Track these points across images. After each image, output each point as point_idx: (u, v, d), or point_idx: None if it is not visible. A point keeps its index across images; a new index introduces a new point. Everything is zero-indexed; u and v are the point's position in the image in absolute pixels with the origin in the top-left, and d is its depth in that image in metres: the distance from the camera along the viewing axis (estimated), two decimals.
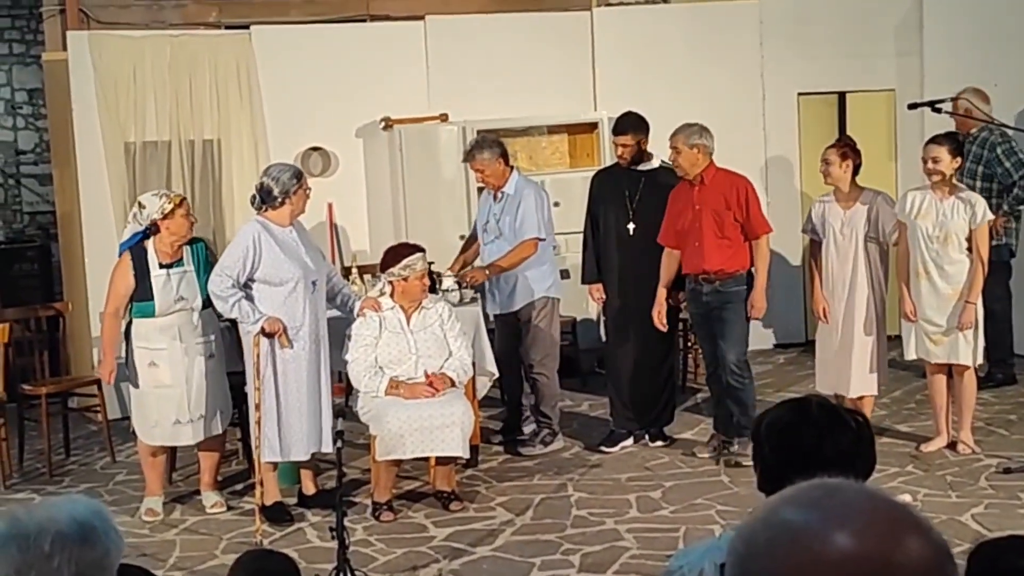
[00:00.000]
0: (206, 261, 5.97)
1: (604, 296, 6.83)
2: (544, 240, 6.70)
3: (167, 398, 5.87)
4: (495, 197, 6.80)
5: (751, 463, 6.09)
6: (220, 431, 6.06)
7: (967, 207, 6.14)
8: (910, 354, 6.39)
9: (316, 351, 5.83)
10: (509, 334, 6.89)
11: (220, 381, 6.02)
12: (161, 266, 5.84)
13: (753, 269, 6.36)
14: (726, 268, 6.28)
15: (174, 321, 5.85)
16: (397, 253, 5.98)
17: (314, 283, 5.82)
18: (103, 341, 6.04)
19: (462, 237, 8.27)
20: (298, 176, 5.82)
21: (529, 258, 6.63)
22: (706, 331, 6.50)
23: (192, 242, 6.01)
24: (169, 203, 5.85)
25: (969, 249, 6.17)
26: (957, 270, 6.19)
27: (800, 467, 2.19)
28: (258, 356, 5.66)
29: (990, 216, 6.21)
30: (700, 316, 6.48)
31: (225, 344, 6.10)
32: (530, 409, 6.93)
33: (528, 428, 6.90)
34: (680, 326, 7.33)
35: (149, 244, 5.86)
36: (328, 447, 5.86)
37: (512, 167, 6.85)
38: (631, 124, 6.64)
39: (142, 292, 5.82)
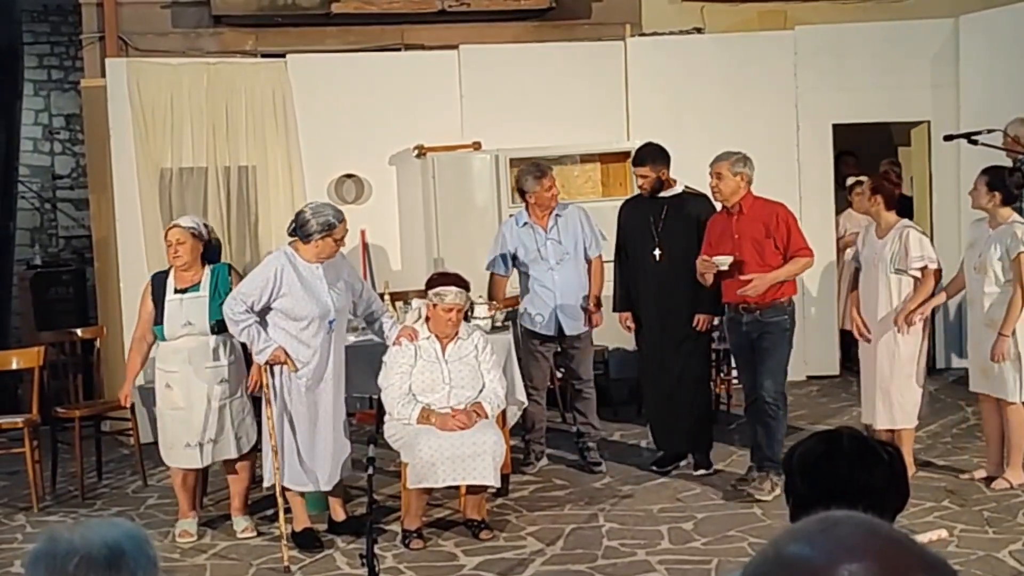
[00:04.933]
0: (227, 285, 5.99)
1: (634, 324, 6.85)
2: None
3: (180, 420, 5.95)
4: (542, 225, 6.86)
5: (765, 498, 6.12)
6: (233, 455, 6.04)
7: (1006, 238, 6.07)
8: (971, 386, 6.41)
9: (315, 390, 5.80)
10: (582, 356, 7.10)
11: (237, 406, 6.01)
12: (176, 291, 5.94)
13: (792, 298, 6.36)
14: (765, 297, 6.24)
15: (183, 345, 5.93)
16: (440, 279, 5.99)
17: (331, 323, 5.80)
18: (127, 363, 6.15)
19: None
20: (336, 219, 5.72)
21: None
22: (745, 361, 6.46)
23: (216, 266, 6.06)
24: (164, 236, 6.04)
25: (1010, 281, 6.10)
26: (991, 302, 6.13)
27: (832, 500, 2.16)
28: (267, 385, 5.68)
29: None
30: (740, 346, 6.45)
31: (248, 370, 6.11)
32: (580, 425, 7.09)
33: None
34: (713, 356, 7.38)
35: (172, 271, 6.01)
36: (324, 486, 5.88)
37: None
38: (648, 155, 6.70)
39: (158, 316, 5.95)
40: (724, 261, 6.20)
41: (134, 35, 8.96)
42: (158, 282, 6.02)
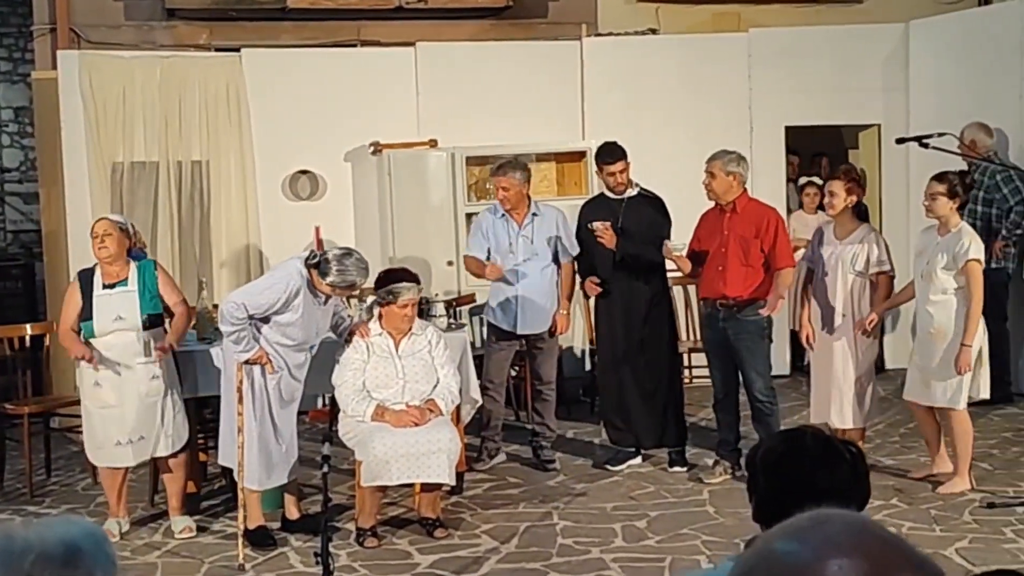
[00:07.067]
0: (154, 280, 5.94)
1: (599, 289, 6.86)
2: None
3: (110, 418, 5.86)
4: (517, 220, 6.86)
5: (713, 480, 6.19)
6: (167, 453, 5.95)
7: (953, 246, 6.08)
8: (904, 393, 6.44)
9: (271, 402, 5.78)
10: (545, 357, 7.11)
11: (168, 403, 5.94)
12: (104, 286, 5.86)
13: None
14: (744, 295, 6.38)
15: (114, 341, 5.84)
16: (389, 276, 5.98)
17: (311, 348, 5.86)
18: (67, 347, 5.98)
19: (450, 263, 8.28)
20: (360, 278, 5.67)
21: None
22: (720, 357, 6.58)
23: (141, 262, 6.00)
24: (91, 230, 5.92)
25: (961, 288, 6.12)
26: (936, 310, 6.14)
27: (794, 498, 2.19)
28: (241, 381, 5.65)
29: (973, 255, 6.03)
30: (715, 342, 6.57)
31: (177, 367, 6.05)
32: (536, 424, 7.14)
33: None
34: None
35: (98, 267, 5.93)
36: (280, 481, 5.89)
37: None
38: (623, 152, 6.74)
39: (86, 312, 5.86)
40: (678, 247, 6.46)
41: (86, 27, 8.87)
42: (84, 279, 5.92)
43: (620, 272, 6.74)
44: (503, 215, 6.91)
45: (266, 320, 5.68)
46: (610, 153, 6.78)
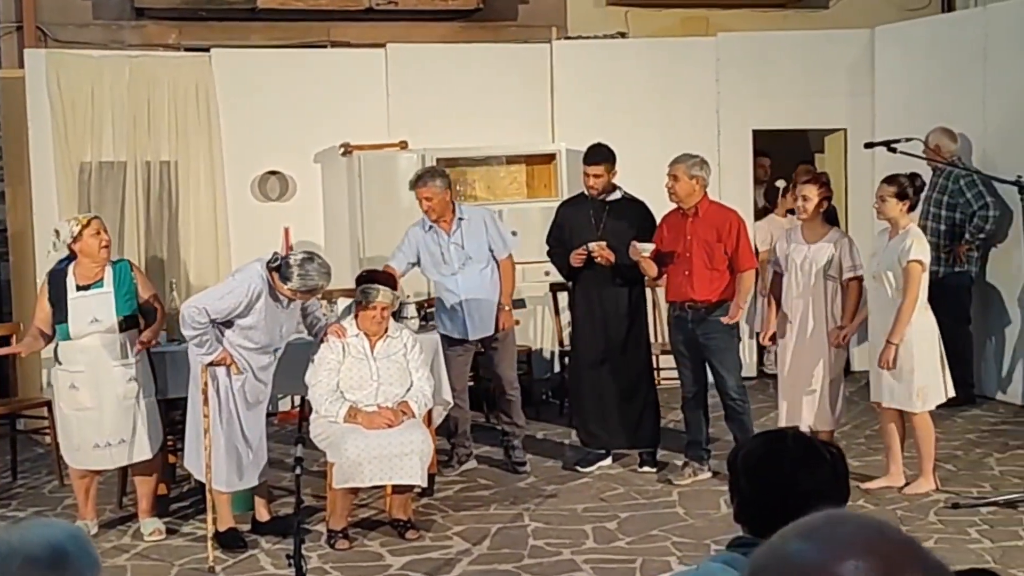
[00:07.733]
0: (130, 281, 5.91)
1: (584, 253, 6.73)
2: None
3: (87, 421, 5.82)
4: (445, 229, 6.83)
5: (682, 482, 6.23)
6: (147, 456, 5.92)
7: (898, 247, 6.12)
8: (872, 395, 6.49)
9: (237, 404, 5.77)
10: (502, 357, 7.07)
11: (145, 406, 5.91)
12: (79, 288, 5.81)
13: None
14: (712, 298, 6.48)
15: (91, 343, 5.80)
16: (367, 277, 5.98)
17: (275, 351, 5.85)
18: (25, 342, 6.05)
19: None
20: (321, 283, 5.66)
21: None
22: (689, 357, 6.64)
23: (117, 262, 5.97)
24: (77, 225, 5.84)
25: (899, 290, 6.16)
26: (890, 312, 6.18)
27: (776, 499, 2.23)
28: (206, 384, 5.63)
29: (914, 255, 6.05)
30: (684, 343, 6.63)
31: (152, 370, 6.02)
32: (505, 424, 7.11)
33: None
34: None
35: (70, 268, 5.86)
36: (249, 484, 5.88)
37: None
38: (604, 155, 6.78)
39: (60, 314, 5.80)
40: (647, 248, 6.44)
41: (53, 26, 8.80)
42: (56, 281, 5.85)
43: (601, 275, 6.76)
44: (431, 227, 6.86)
45: (229, 324, 5.66)
46: (590, 155, 6.81)
